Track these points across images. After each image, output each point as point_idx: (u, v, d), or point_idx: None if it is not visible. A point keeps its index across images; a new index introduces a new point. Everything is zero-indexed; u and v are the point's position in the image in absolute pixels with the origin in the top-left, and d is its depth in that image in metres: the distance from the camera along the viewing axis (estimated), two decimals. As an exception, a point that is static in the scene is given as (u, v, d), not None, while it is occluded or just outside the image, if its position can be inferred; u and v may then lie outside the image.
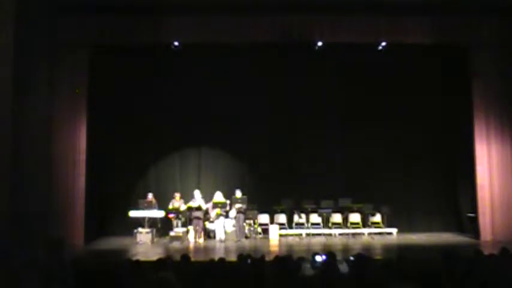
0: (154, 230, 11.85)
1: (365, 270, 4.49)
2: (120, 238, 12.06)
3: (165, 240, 11.92)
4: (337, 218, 12.82)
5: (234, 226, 12.03)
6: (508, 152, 11.96)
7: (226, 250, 10.67)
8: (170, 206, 12.19)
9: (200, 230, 11.82)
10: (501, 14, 11.66)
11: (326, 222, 12.60)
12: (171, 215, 12.18)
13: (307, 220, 12.77)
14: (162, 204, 12.20)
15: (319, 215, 12.57)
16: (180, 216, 12.13)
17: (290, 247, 11.00)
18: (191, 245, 11.47)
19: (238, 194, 12.15)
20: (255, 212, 12.29)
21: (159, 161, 13.39)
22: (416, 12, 11.56)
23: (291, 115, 13.29)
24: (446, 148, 13.47)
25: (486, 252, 5.92)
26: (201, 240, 11.77)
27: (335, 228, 12.64)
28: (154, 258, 6.54)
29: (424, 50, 12.59)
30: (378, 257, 9.18)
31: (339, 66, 13.09)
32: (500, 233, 11.53)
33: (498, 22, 11.80)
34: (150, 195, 12.20)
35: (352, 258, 5.47)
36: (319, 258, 5.45)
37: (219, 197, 12.16)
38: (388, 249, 10.84)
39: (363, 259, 4.97)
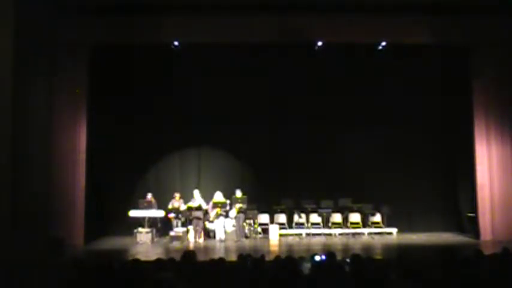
0: (154, 230, 11.86)
1: (363, 270, 4.49)
2: (120, 238, 12.07)
3: (165, 240, 11.93)
4: (337, 218, 12.83)
5: (234, 226, 12.03)
6: (508, 152, 11.96)
7: (226, 250, 10.69)
8: (170, 206, 12.20)
9: (200, 230, 11.84)
10: (501, 14, 11.66)
11: (326, 222, 12.60)
12: (170, 215, 12.19)
13: (307, 220, 12.78)
14: (162, 204, 12.21)
15: (319, 215, 12.57)
16: (180, 216, 12.14)
17: (290, 247, 11.00)
18: (191, 245, 11.47)
19: (238, 194, 12.16)
20: (255, 212, 12.29)
21: (159, 161, 13.39)
22: (416, 12, 11.56)
23: (291, 115, 13.28)
24: (446, 148, 13.47)
25: (486, 252, 5.92)
26: (201, 240, 11.78)
27: (335, 228, 12.65)
28: (154, 258, 6.53)
29: (424, 50, 12.58)
30: (378, 257, 9.18)
31: (339, 66, 13.08)
32: (500, 233, 11.55)
33: (498, 22, 11.79)
34: (149, 195, 12.20)
35: (348, 260, 5.47)
36: (318, 258, 5.45)
37: (219, 197, 12.16)
38: (388, 249, 10.85)
39: (360, 259, 4.97)
